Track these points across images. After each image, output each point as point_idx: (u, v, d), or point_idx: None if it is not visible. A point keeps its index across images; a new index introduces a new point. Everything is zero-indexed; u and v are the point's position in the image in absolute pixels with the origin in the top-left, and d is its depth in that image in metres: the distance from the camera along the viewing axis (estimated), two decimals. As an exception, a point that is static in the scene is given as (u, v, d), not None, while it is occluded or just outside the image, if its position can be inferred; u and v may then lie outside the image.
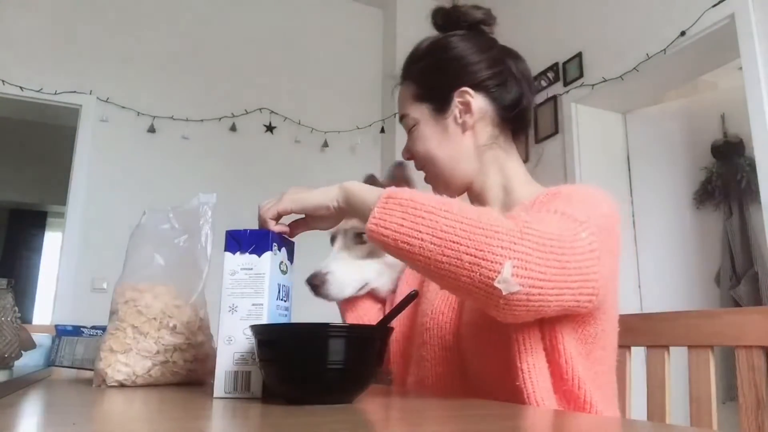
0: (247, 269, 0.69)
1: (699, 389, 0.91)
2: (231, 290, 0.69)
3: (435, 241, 0.64)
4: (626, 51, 2.89)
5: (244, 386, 0.66)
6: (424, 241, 0.64)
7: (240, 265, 0.69)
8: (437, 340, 0.89)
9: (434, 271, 0.65)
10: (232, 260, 0.69)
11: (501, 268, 0.62)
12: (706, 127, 3.08)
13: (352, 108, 3.97)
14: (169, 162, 3.51)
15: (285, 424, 0.47)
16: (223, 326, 0.68)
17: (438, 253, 0.64)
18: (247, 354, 0.67)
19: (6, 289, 0.91)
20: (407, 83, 0.97)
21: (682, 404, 0.95)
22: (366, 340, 0.61)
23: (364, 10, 4.25)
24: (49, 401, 0.65)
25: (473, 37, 0.95)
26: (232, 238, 0.70)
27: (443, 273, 0.65)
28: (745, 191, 2.89)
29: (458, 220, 0.65)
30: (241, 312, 0.68)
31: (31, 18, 3.42)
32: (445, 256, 0.64)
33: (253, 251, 0.70)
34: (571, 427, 0.51)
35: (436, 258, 0.64)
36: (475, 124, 0.93)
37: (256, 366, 0.65)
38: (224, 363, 0.67)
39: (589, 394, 0.77)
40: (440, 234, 0.64)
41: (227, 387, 0.66)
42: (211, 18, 3.82)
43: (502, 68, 0.95)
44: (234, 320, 0.68)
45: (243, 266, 0.69)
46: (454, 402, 0.68)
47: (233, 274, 0.69)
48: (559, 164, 3.17)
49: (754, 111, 2.29)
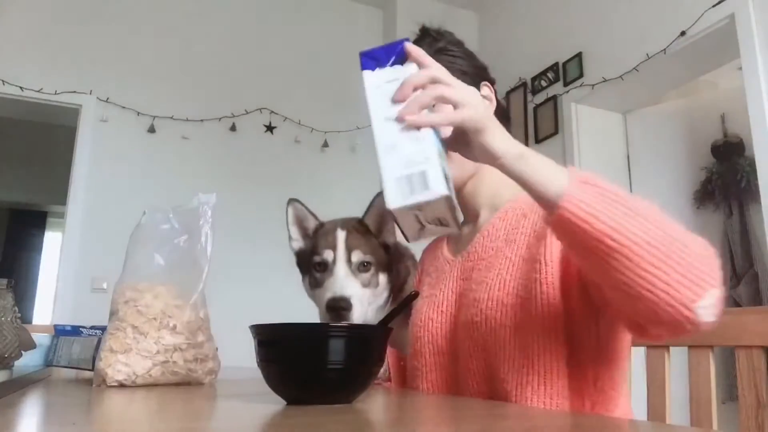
0: (393, 80, 0.63)
1: (699, 389, 0.91)
2: (380, 103, 0.62)
3: (647, 248, 0.58)
4: (626, 51, 2.89)
5: (421, 187, 0.57)
6: (636, 244, 0.58)
7: (384, 80, 0.64)
8: (429, 347, 0.89)
9: (630, 277, 0.59)
10: (372, 77, 0.64)
11: (705, 294, 0.59)
12: (706, 127, 3.08)
13: (352, 108, 3.96)
14: (169, 162, 3.51)
15: (285, 424, 0.47)
16: (381, 136, 0.60)
17: (648, 262, 0.58)
18: (416, 154, 0.59)
19: (6, 289, 0.91)
20: None
21: (682, 404, 0.95)
22: (366, 340, 0.61)
23: (364, 10, 4.25)
24: (49, 401, 0.65)
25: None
26: (367, 57, 0.65)
27: (639, 282, 0.58)
28: (745, 191, 2.89)
29: (668, 232, 0.59)
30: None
31: (31, 18, 3.42)
32: (653, 266, 0.58)
33: (395, 63, 0.65)
34: (572, 427, 0.51)
35: (642, 266, 0.58)
36: None
37: (432, 163, 0.58)
38: (392, 170, 0.58)
39: (605, 394, 0.77)
40: (655, 242, 0.58)
41: (402, 195, 0.57)
42: (212, 18, 3.82)
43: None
44: (393, 128, 0.60)
45: (387, 80, 0.63)
46: (453, 402, 0.68)
47: (378, 88, 0.63)
48: (559, 164, 3.16)
49: (754, 111, 2.29)
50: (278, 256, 3.70)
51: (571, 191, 0.59)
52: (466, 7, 4.10)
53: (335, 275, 0.96)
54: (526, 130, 3.48)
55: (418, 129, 0.60)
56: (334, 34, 4.12)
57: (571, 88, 3.20)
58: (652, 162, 3.17)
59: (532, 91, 3.49)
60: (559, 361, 0.75)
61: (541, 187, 0.61)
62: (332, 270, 0.96)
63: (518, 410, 0.62)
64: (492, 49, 3.85)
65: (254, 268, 3.43)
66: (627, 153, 3.23)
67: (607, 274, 0.60)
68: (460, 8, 4.06)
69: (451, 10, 4.04)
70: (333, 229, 1.00)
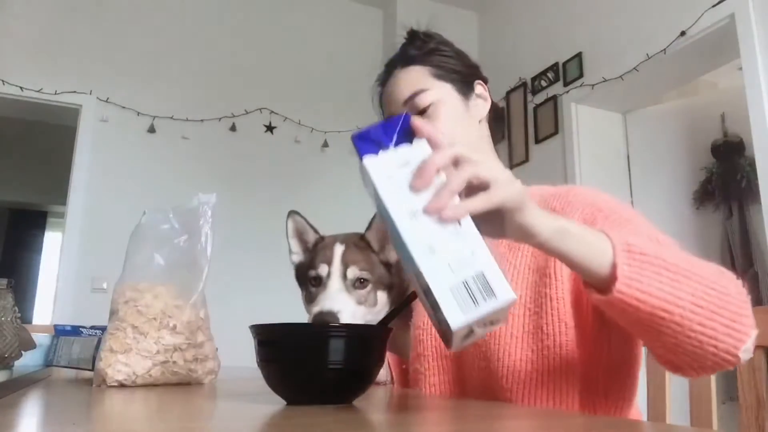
0: (405, 164, 0.53)
1: (699, 389, 0.91)
2: (398, 195, 0.51)
3: (695, 310, 0.58)
4: (626, 51, 2.89)
5: (484, 293, 0.48)
6: (685, 309, 0.57)
7: (394, 166, 0.53)
8: (431, 351, 0.88)
9: (679, 339, 0.58)
10: (378, 164, 0.53)
11: (748, 339, 0.60)
12: (706, 127, 3.08)
13: (352, 108, 3.96)
14: (169, 162, 3.51)
15: (285, 424, 0.47)
16: (411, 237, 0.50)
17: (696, 322, 0.58)
18: (461, 251, 0.49)
19: (6, 289, 0.91)
20: (417, 66, 0.91)
21: (682, 404, 0.95)
22: (366, 340, 0.61)
23: (364, 10, 4.25)
24: (49, 401, 0.65)
25: None
26: (363, 140, 0.54)
27: (687, 341, 0.59)
28: (745, 191, 2.89)
29: (709, 285, 0.59)
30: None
31: (31, 18, 3.42)
32: (701, 325, 0.58)
33: (399, 142, 0.54)
34: (572, 427, 0.51)
35: (692, 327, 0.58)
36: (485, 119, 0.94)
37: (484, 260, 0.50)
38: (441, 279, 0.48)
39: (616, 405, 0.77)
40: (700, 302, 0.58)
41: (466, 307, 0.48)
42: (211, 18, 3.82)
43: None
44: (424, 224, 0.50)
45: (398, 165, 0.53)
46: (453, 402, 0.67)
47: (390, 178, 0.52)
48: (559, 164, 3.17)
49: (754, 111, 2.29)
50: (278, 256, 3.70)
51: (622, 270, 0.56)
52: (466, 7, 4.10)
53: (327, 290, 0.91)
54: (526, 130, 3.48)
55: (459, 222, 0.50)
56: (334, 34, 4.12)
57: (571, 88, 3.20)
58: (652, 162, 3.17)
59: (532, 91, 3.49)
60: (569, 376, 0.75)
61: (587, 263, 0.57)
62: (326, 284, 0.92)
63: (520, 411, 0.62)
64: (492, 49, 3.85)
65: (254, 268, 3.43)
66: (627, 153, 3.23)
67: (656, 339, 0.60)
68: (460, 8, 4.06)
69: (451, 10, 4.03)
70: (331, 244, 0.96)
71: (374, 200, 0.55)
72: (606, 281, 0.57)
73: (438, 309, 0.48)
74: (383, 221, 0.54)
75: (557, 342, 0.75)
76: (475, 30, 4.11)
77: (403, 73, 0.91)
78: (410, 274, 0.52)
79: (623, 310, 0.58)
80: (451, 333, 0.48)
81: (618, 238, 0.58)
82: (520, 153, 3.46)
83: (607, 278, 0.56)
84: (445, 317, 0.47)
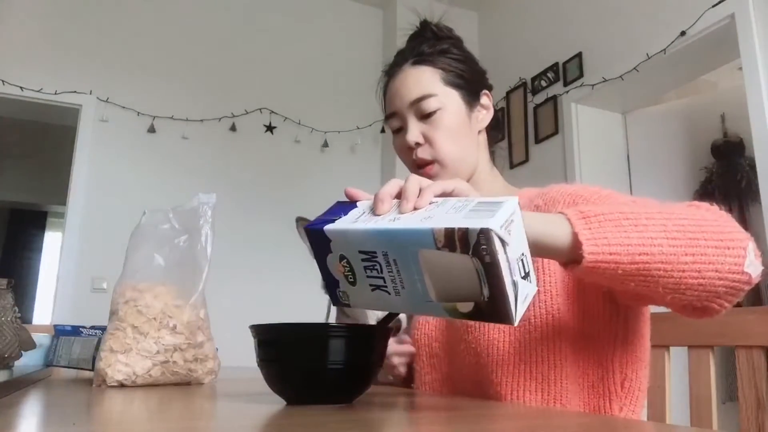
0: (360, 215, 0.54)
1: (699, 389, 0.91)
2: (369, 221, 0.53)
3: (673, 243, 0.57)
4: (626, 51, 2.89)
5: (493, 206, 0.49)
6: (663, 246, 0.57)
7: (350, 220, 0.54)
8: (425, 349, 0.90)
9: (676, 277, 0.58)
10: (338, 224, 0.54)
11: (746, 252, 0.59)
12: (706, 127, 3.07)
13: (352, 108, 3.97)
14: (169, 162, 3.51)
15: (285, 424, 0.47)
16: (405, 225, 0.50)
17: (681, 254, 0.58)
18: (455, 204, 0.51)
19: (6, 289, 0.91)
20: (428, 68, 0.89)
21: (682, 404, 0.95)
22: (366, 340, 0.61)
23: (364, 10, 4.25)
24: (49, 401, 0.65)
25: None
26: (316, 224, 0.55)
27: (686, 275, 0.58)
28: (745, 191, 2.89)
29: (679, 217, 0.59)
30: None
31: (31, 18, 3.42)
32: (688, 255, 0.58)
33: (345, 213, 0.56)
34: (569, 427, 0.51)
35: (680, 260, 0.58)
36: (484, 129, 0.94)
37: (476, 198, 0.52)
38: (453, 220, 0.48)
39: (632, 394, 0.77)
40: (674, 234, 0.58)
41: (485, 217, 0.47)
42: (211, 18, 3.82)
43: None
44: (406, 217, 0.51)
45: (354, 218, 0.54)
46: (453, 402, 0.68)
47: (354, 223, 0.53)
48: (559, 164, 3.17)
49: (754, 111, 2.29)
50: (278, 256, 3.69)
51: (583, 235, 0.56)
52: (466, 7, 4.10)
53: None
54: (526, 130, 3.48)
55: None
56: (334, 33, 4.12)
57: (571, 88, 3.20)
58: (652, 162, 3.17)
59: (532, 91, 3.49)
60: (557, 365, 0.75)
61: (550, 240, 0.56)
62: None
63: (520, 410, 0.62)
64: (492, 49, 3.85)
65: (254, 268, 3.43)
66: (627, 153, 3.23)
67: (656, 285, 0.59)
68: (460, 8, 4.06)
69: (451, 10, 4.01)
70: None
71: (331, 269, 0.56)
72: (575, 251, 0.56)
73: (466, 242, 0.46)
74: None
75: (545, 334, 0.75)
76: (475, 30, 4.11)
77: (413, 71, 0.90)
78: (414, 282, 0.51)
79: (606, 271, 0.57)
80: (499, 269, 0.46)
81: (571, 211, 0.58)
82: (520, 153, 3.46)
83: (574, 248, 0.56)
84: (480, 226, 0.45)
